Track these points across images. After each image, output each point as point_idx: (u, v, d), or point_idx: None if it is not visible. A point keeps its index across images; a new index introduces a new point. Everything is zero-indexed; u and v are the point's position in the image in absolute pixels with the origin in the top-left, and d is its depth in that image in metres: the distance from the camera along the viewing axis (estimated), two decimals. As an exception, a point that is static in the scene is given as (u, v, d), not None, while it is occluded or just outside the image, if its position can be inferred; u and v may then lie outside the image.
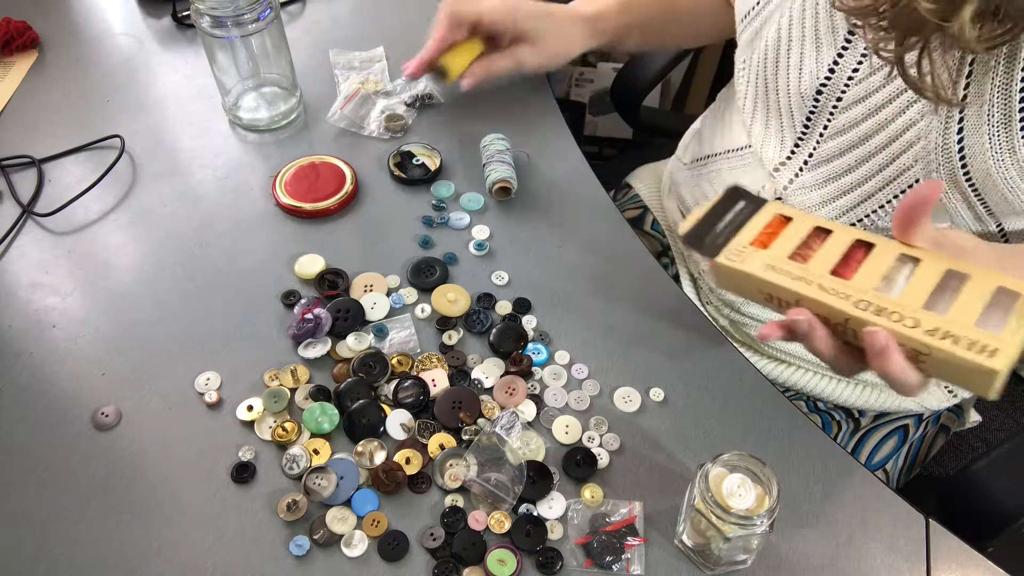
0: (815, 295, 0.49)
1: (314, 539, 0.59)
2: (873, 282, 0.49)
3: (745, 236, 0.54)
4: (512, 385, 0.68)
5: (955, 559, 0.59)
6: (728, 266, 0.52)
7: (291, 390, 0.67)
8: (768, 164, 0.74)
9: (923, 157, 0.62)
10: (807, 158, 0.71)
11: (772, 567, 0.59)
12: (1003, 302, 0.47)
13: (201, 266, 0.77)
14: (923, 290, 0.48)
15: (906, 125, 0.62)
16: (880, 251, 0.51)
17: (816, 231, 0.53)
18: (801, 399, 0.84)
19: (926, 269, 0.49)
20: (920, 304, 0.47)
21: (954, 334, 0.45)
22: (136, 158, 0.86)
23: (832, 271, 0.50)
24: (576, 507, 0.61)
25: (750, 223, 0.55)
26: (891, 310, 0.47)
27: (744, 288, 0.53)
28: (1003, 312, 0.46)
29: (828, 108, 0.67)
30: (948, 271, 0.48)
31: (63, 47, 1.00)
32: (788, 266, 0.51)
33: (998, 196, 0.60)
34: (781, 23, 0.68)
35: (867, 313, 0.47)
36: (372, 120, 0.89)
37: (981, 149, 0.59)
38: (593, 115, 1.74)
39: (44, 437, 0.65)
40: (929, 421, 0.85)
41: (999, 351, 0.44)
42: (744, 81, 0.75)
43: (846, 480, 0.63)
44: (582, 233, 0.80)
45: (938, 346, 0.45)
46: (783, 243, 0.53)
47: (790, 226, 0.54)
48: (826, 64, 0.66)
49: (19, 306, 0.73)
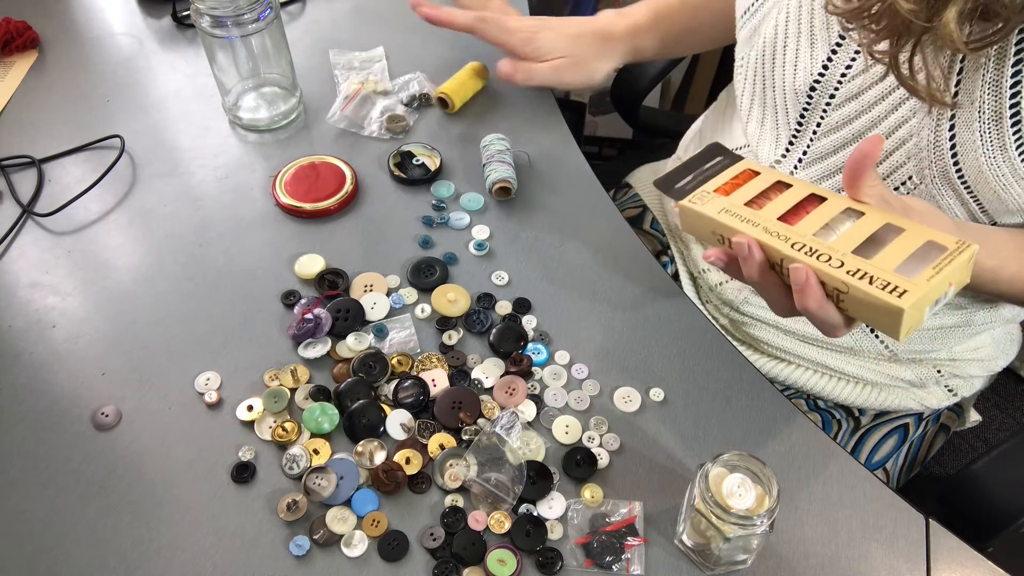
0: (758, 235, 0.53)
1: (314, 539, 0.59)
2: (813, 228, 0.53)
3: (711, 184, 0.59)
4: (512, 385, 0.68)
5: (955, 559, 0.59)
6: (689, 208, 0.57)
7: (291, 390, 0.67)
8: (765, 161, 0.74)
9: (915, 154, 0.62)
10: (801, 156, 0.71)
11: (772, 567, 0.59)
12: (928, 254, 0.50)
13: (201, 266, 0.77)
14: (857, 238, 0.52)
15: (898, 122, 0.63)
16: (829, 204, 0.55)
17: (777, 184, 0.58)
18: (801, 397, 0.84)
19: (867, 220, 0.53)
20: (850, 249, 0.51)
21: (872, 275, 0.49)
22: (136, 158, 0.86)
23: (780, 217, 0.54)
24: (576, 507, 0.61)
25: (720, 175, 0.60)
26: (821, 252, 0.51)
27: (701, 230, 0.58)
28: (925, 261, 0.50)
29: (822, 105, 0.67)
30: (886, 224, 0.52)
31: (63, 47, 1.00)
32: (742, 211, 0.56)
33: (991, 193, 0.61)
34: (778, 20, 0.68)
35: (799, 253, 0.52)
36: (372, 120, 0.89)
37: (973, 146, 0.59)
38: (593, 115, 1.74)
39: (44, 437, 0.65)
40: (929, 420, 0.85)
41: (908, 292, 0.48)
42: (742, 78, 0.75)
43: (846, 480, 0.63)
44: (582, 233, 0.80)
45: (855, 284, 0.49)
46: (744, 192, 0.58)
47: (755, 179, 0.59)
48: (820, 61, 0.66)
49: (19, 306, 0.73)
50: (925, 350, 0.78)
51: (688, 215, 0.58)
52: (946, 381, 0.81)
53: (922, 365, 0.80)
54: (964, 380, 0.82)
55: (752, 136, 0.75)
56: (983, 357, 0.81)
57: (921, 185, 0.63)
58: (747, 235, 0.53)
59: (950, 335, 0.77)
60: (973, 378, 0.83)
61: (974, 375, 0.82)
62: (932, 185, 0.63)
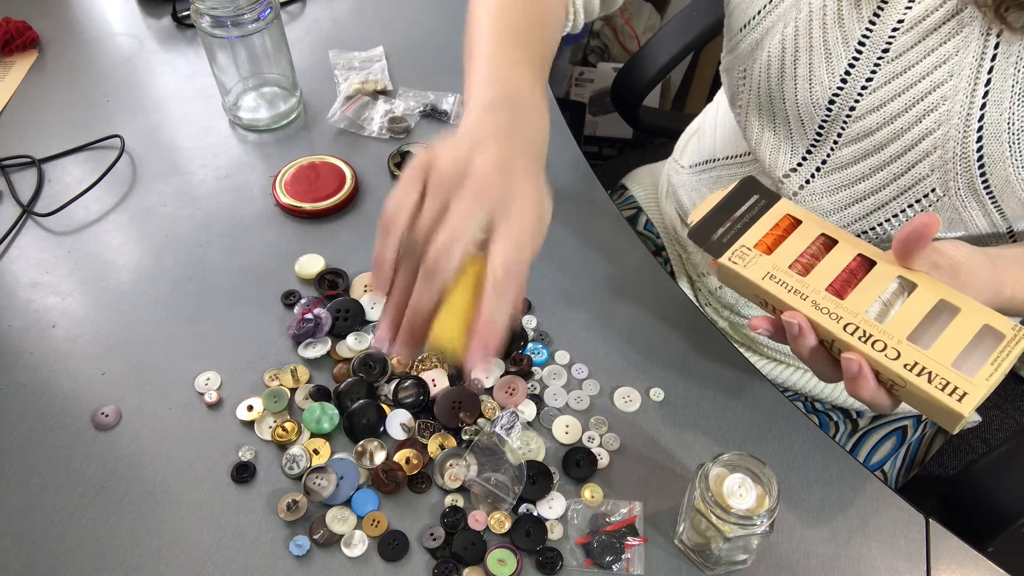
0: (807, 312, 0.51)
1: (314, 539, 0.59)
2: (865, 305, 0.51)
3: (750, 237, 0.55)
4: (512, 385, 0.68)
5: (955, 559, 0.59)
6: (730, 268, 0.54)
7: (291, 390, 0.67)
8: (776, 171, 0.73)
9: (940, 167, 0.61)
10: (820, 164, 0.70)
11: (772, 567, 0.59)
12: (986, 341, 0.49)
13: (201, 266, 0.77)
14: (911, 320, 0.50)
15: (923, 134, 0.62)
16: (879, 272, 0.52)
17: (822, 238, 0.55)
18: (799, 399, 0.84)
19: (919, 297, 0.51)
20: (905, 335, 0.49)
21: (930, 371, 0.48)
22: (136, 158, 0.86)
23: (829, 286, 0.52)
24: (576, 507, 0.61)
25: (758, 223, 0.56)
26: (876, 337, 0.49)
27: (743, 290, 0.55)
28: (983, 352, 0.48)
29: (842, 117, 0.66)
30: (941, 301, 0.50)
31: (63, 47, 1.00)
32: (787, 277, 0.53)
33: (1016, 202, 0.60)
34: (785, 33, 0.67)
35: (852, 338, 0.50)
36: (373, 121, 0.89)
37: (1001, 157, 0.58)
38: (593, 115, 1.74)
39: (44, 437, 0.65)
40: (928, 422, 0.85)
41: (968, 396, 0.46)
42: (746, 90, 0.74)
43: (846, 480, 0.63)
44: (582, 233, 0.80)
45: (913, 381, 0.47)
46: (786, 250, 0.54)
47: (797, 231, 0.55)
48: (838, 75, 0.65)
49: (19, 306, 0.73)
50: None
51: (727, 273, 0.55)
52: None
53: None
54: None
55: (760, 145, 0.75)
56: None
57: (945, 197, 0.63)
58: (798, 313, 0.51)
59: None
60: None
61: None
62: (956, 197, 0.62)
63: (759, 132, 0.74)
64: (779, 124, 0.72)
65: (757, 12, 0.70)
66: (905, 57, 0.61)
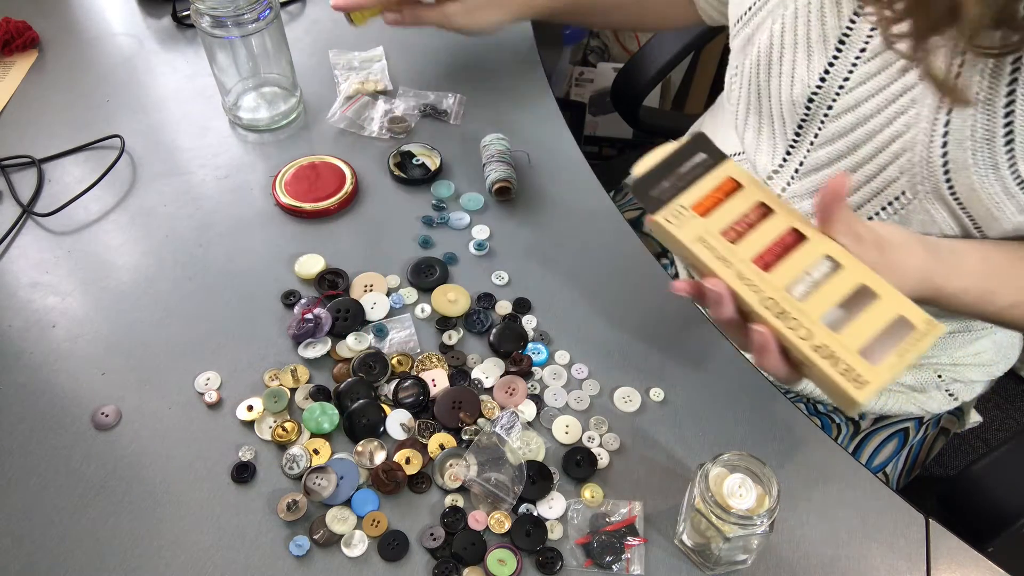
0: (730, 281, 0.52)
1: (314, 539, 0.59)
2: (788, 280, 0.52)
3: (689, 197, 0.56)
4: (512, 385, 0.68)
5: (955, 559, 0.59)
6: (663, 227, 0.55)
7: (291, 390, 0.67)
8: (762, 172, 0.73)
9: (908, 169, 0.61)
10: (798, 167, 0.70)
11: (772, 567, 0.59)
12: (898, 331, 0.49)
13: (201, 266, 0.77)
14: (829, 301, 0.50)
15: (893, 136, 0.62)
16: (809, 247, 0.53)
17: (760, 206, 0.55)
18: (800, 401, 0.84)
19: (842, 278, 0.51)
20: (820, 315, 0.50)
21: (836, 355, 0.48)
22: (136, 158, 0.86)
23: (757, 257, 0.53)
24: (576, 507, 0.61)
25: (700, 181, 0.56)
26: (791, 315, 0.50)
27: (675, 249, 0.56)
28: (893, 342, 0.49)
29: (819, 116, 0.66)
30: (862, 286, 0.51)
31: (63, 47, 1.00)
32: (717, 242, 0.54)
33: (984, 210, 0.60)
34: (773, 29, 0.67)
35: (768, 313, 0.50)
36: (373, 121, 0.89)
37: (964, 164, 0.58)
38: (593, 115, 1.74)
39: (44, 437, 0.65)
40: (929, 424, 0.85)
41: (868, 385, 0.47)
42: (737, 87, 0.74)
43: (846, 480, 0.63)
44: (582, 233, 0.80)
45: (818, 363, 0.48)
46: (723, 215, 0.55)
47: (737, 195, 0.56)
48: (817, 72, 0.65)
49: (19, 306, 0.73)
50: (926, 355, 0.78)
51: (661, 232, 0.56)
52: (947, 386, 0.81)
53: (923, 370, 0.79)
54: (965, 385, 0.82)
55: (748, 145, 0.75)
56: (984, 362, 0.81)
57: (915, 200, 0.62)
58: (720, 280, 0.52)
59: (951, 340, 0.77)
60: (974, 383, 0.82)
61: (975, 380, 0.82)
62: (926, 200, 0.62)
63: (748, 131, 0.75)
64: (764, 123, 0.72)
65: (748, 8, 0.70)
66: (881, 58, 0.61)
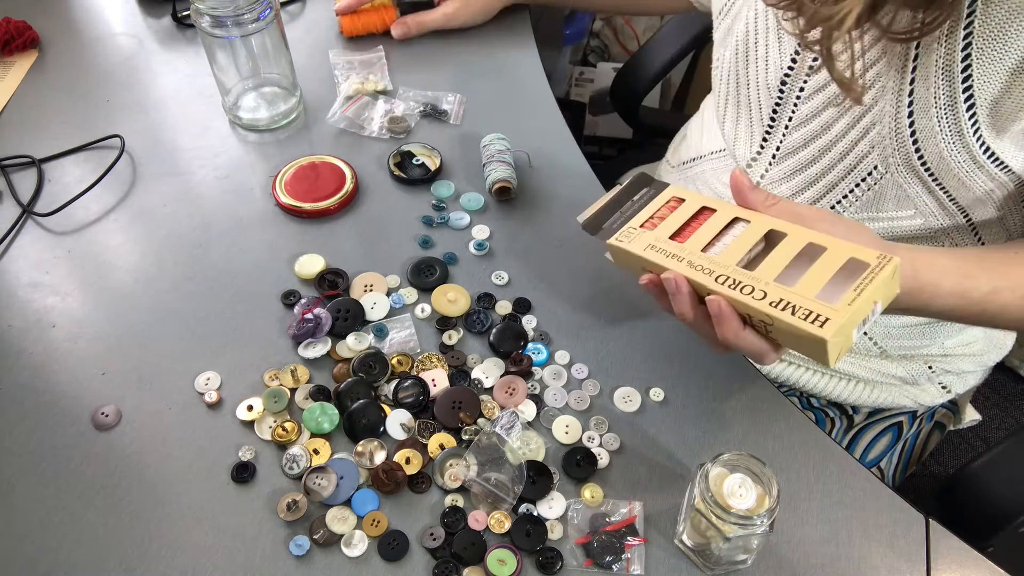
0: (682, 270, 0.54)
1: (314, 539, 0.59)
2: (736, 256, 0.53)
3: (637, 219, 0.59)
4: (512, 385, 0.68)
5: (955, 559, 0.59)
6: (617, 247, 0.58)
7: (291, 390, 0.67)
8: (741, 160, 0.74)
9: (879, 143, 0.62)
10: (775, 152, 0.71)
11: (772, 567, 0.59)
12: (851, 274, 0.50)
13: (201, 266, 0.77)
14: (780, 264, 0.52)
15: (862, 111, 0.63)
16: (752, 229, 0.55)
17: (703, 210, 0.58)
18: (794, 395, 0.84)
19: (789, 242, 0.53)
20: (773, 276, 0.51)
21: (794, 305, 0.49)
22: (136, 158, 0.86)
23: (705, 247, 0.55)
24: (576, 507, 0.61)
25: (646, 208, 0.60)
26: (744, 283, 0.51)
27: (632, 266, 0.58)
28: (848, 281, 0.49)
29: (792, 99, 0.68)
30: (809, 244, 0.52)
31: (63, 47, 1.00)
32: (667, 245, 0.56)
33: (955, 181, 0.60)
34: (748, 17, 0.69)
35: (723, 287, 0.51)
36: (373, 121, 0.89)
37: (931, 132, 0.59)
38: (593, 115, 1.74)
39: (44, 437, 0.65)
40: (923, 418, 0.85)
41: (830, 321, 0.47)
42: (718, 78, 0.75)
43: (846, 480, 0.63)
44: (582, 233, 0.79)
45: (779, 316, 0.49)
46: (669, 223, 0.58)
47: (680, 208, 0.59)
48: (788, 55, 0.66)
49: (19, 306, 0.73)
50: (915, 345, 0.78)
51: (618, 254, 0.58)
52: (939, 378, 0.81)
53: (913, 361, 0.80)
54: (957, 376, 0.82)
55: (728, 137, 0.76)
56: (975, 352, 0.81)
57: (887, 174, 0.63)
58: (673, 271, 0.53)
59: (939, 329, 0.77)
60: (966, 373, 0.82)
61: (967, 370, 0.82)
62: (898, 173, 0.63)
63: (727, 121, 0.76)
64: (742, 112, 0.73)
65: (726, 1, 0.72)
66: None
